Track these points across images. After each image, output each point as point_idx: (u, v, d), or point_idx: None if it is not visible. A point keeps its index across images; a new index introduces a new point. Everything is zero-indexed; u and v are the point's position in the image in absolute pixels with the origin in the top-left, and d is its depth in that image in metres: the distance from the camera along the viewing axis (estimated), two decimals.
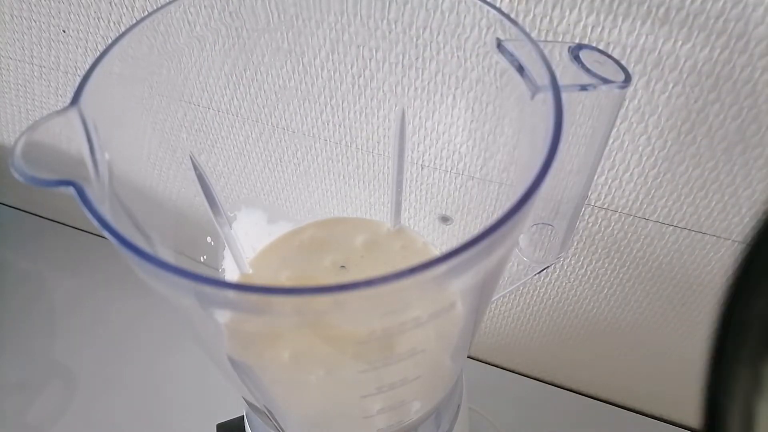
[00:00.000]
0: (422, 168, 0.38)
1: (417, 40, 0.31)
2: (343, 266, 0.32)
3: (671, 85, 0.31)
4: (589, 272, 0.43)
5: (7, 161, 0.21)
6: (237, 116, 0.33)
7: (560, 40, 0.32)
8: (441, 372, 0.31)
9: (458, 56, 0.29)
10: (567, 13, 0.31)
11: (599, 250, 0.42)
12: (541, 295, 0.47)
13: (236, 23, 0.28)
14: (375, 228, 0.36)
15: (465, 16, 0.26)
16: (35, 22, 0.42)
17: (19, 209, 0.66)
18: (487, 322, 0.52)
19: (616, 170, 0.36)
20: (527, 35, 0.24)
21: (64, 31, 0.42)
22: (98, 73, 0.24)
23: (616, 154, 0.35)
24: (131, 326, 0.57)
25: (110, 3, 0.39)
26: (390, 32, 0.32)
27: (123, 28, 0.25)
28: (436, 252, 0.36)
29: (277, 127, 0.35)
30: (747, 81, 0.30)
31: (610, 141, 0.35)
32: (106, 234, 0.19)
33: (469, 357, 0.54)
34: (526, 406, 0.52)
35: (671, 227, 0.38)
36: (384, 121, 0.37)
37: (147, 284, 0.22)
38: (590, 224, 0.40)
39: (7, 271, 0.61)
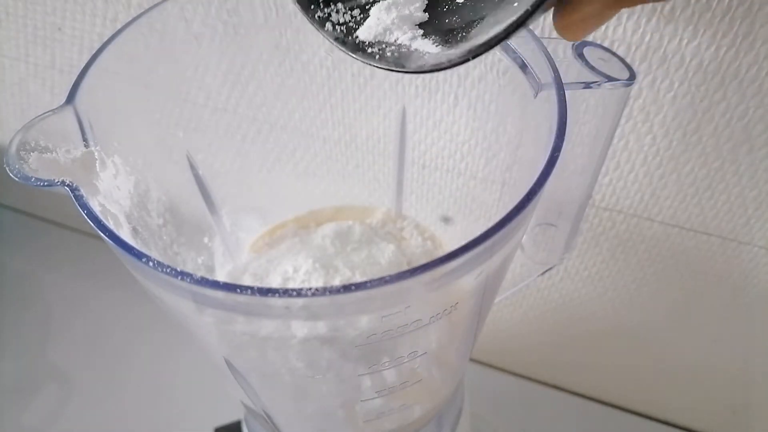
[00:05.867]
0: (423, 168, 0.38)
1: None
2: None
3: (676, 84, 0.31)
4: (593, 274, 0.43)
5: (2, 160, 0.21)
6: (234, 114, 0.33)
7: None
8: (442, 375, 0.31)
9: None
10: None
11: (604, 252, 0.41)
12: (545, 297, 0.47)
13: (234, 20, 0.28)
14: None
15: None
16: (30, 20, 0.42)
17: (15, 209, 0.66)
18: (490, 325, 0.52)
19: (621, 170, 0.36)
20: (530, 32, 0.24)
21: (59, 29, 0.42)
22: (94, 72, 0.23)
23: (621, 154, 0.35)
24: (128, 329, 0.56)
25: (106, 0, 0.38)
26: None
27: (119, 26, 0.25)
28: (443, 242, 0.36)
29: (275, 126, 0.35)
30: (753, 80, 0.30)
31: (615, 141, 0.34)
32: (101, 234, 0.19)
33: (471, 360, 0.53)
34: (529, 410, 0.52)
35: (677, 228, 0.38)
36: (384, 119, 0.36)
37: (143, 286, 0.21)
38: (594, 225, 0.40)
39: (3, 272, 0.61)
